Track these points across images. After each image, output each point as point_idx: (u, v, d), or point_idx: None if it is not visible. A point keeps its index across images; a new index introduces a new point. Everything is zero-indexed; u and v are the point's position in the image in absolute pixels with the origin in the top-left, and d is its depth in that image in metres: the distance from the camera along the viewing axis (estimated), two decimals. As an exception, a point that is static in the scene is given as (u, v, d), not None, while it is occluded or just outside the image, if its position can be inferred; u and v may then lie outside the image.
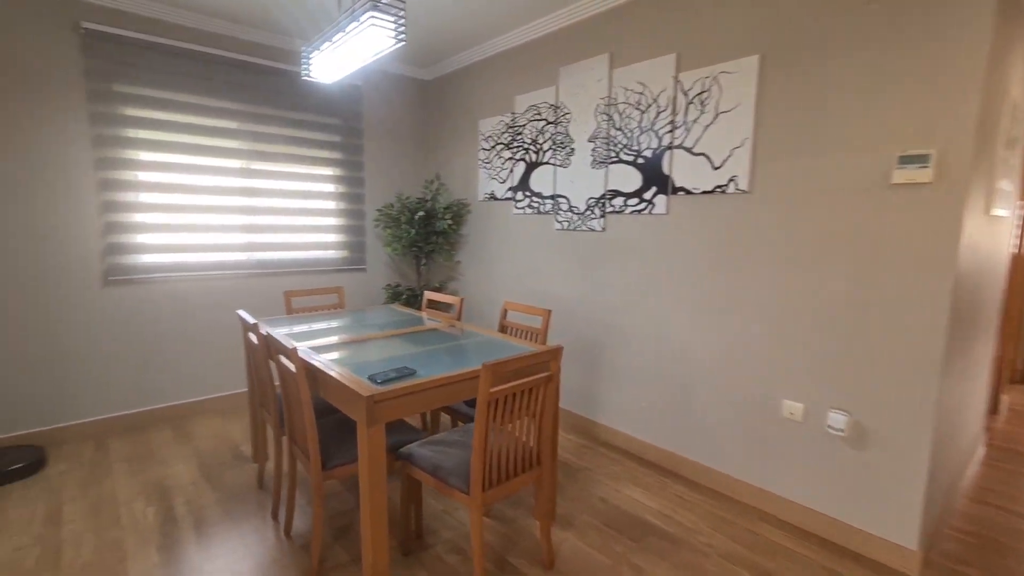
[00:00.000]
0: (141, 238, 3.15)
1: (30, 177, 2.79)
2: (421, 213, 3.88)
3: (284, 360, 1.97)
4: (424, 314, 3.01)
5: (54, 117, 2.83)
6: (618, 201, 2.92)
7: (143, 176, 3.13)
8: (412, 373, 1.83)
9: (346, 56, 2.37)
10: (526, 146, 3.48)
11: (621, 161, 2.88)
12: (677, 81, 2.59)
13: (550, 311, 2.58)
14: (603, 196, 3.00)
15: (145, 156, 3.12)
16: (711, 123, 2.46)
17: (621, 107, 2.86)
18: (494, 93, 3.72)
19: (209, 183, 3.36)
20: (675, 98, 2.60)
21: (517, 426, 1.79)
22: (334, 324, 2.72)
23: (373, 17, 2.04)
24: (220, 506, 2.37)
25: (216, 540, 2.12)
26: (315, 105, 3.75)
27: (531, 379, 1.77)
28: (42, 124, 2.80)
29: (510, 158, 3.62)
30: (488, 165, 3.81)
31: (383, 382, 1.73)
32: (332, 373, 1.82)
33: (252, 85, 3.46)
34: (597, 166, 3.02)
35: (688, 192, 2.59)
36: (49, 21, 2.78)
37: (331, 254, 3.98)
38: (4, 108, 2.69)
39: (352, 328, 2.62)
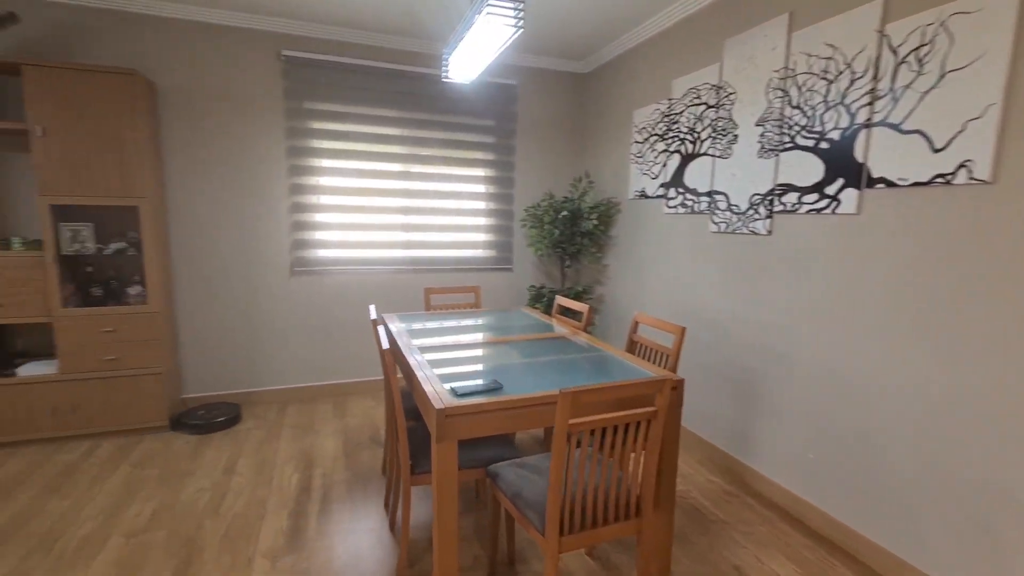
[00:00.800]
0: (319, 235, 3.62)
1: (245, 183, 3.40)
2: (565, 212, 3.70)
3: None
4: (555, 320, 2.84)
5: (262, 133, 3.40)
6: (790, 197, 2.34)
7: (323, 181, 3.58)
8: (497, 389, 1.68)
9: (475, 53, 2.32)
10: (682, 136, 3.04)
11: (797, 147, 2.29)
12: (882, 36, 1.93)
13: (684, 329, 2.17)
14: (771, 192, 2.44)
15: (324, 163, 3.56)
16: (932, 88, 1.77)
17: (801, 79, 2.27)
18: (650, 79, 3.34)
19: (374, 186, 3.69)
20: (878, 59, 1.95)
21: (614, 466, 1.51)
22: (459, 324, 2.72)
23: (491, 6, 1.94)
24: (347, 485, 2.56)
25: (333, 518, 2.28)
26: (470, 108, 3.85)
27: (628, 413, 1.46)
28: (255, 139, 3.38)
29: (664, 150, 3.21)
30: (640, 159, 3.45)
31: (463, 395, 1.62)
32: (420, 378, 1.77)
33: (411, 92, 3.69)
34: (765, 155, 2.46)
35: (891, 184, 1.92)
36: (261, 53, 3.33)
37: (479, 253, 4.06)
38: (231, 128, 3.32)
39: (474, 329, 2.58)
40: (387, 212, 3.75)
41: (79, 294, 2.97)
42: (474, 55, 2.36)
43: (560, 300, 2.95)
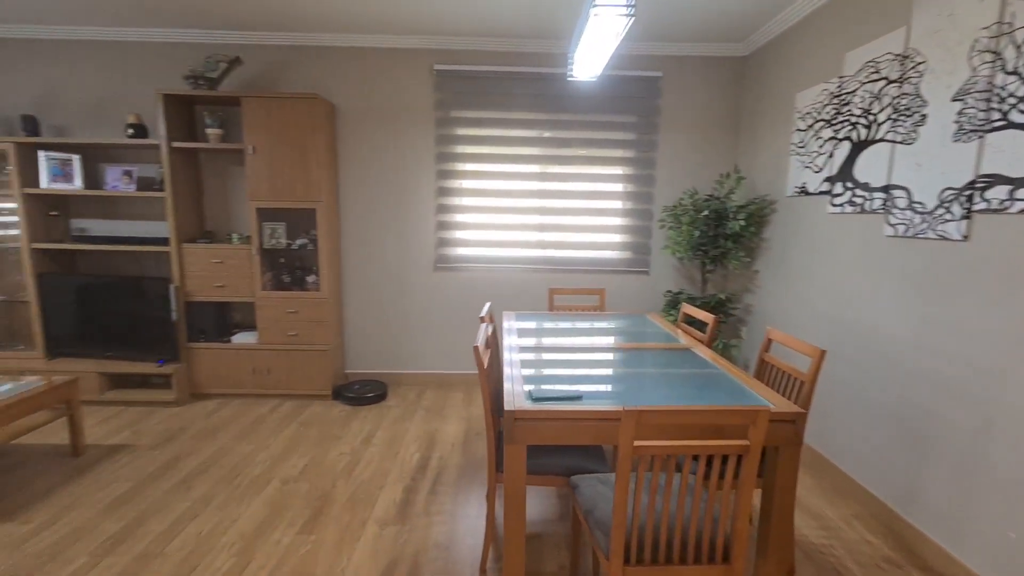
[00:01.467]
0: (459, 234, 3.88)
1: (400, 187, 3.81)
2: (705, 212, 3.37)
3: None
4: (678, 330, 2.62)
5: (415, 142, 3.77)
6: (998, 192, 1.78)
7: (465, 183, 3.82)
8: (575, 398, 1.61)
9: (596, 48, 2.25)
10: (854, 119, 2.53)
11: (1012, 125, 1.74)
12: None
13: (823, 352, 1.81)
14: (970, 185, 1.89)
15: (467, 167, 3.80)
16: None
17: (1021, 35, 1.71)
18: (817, 55, 2.84)
19: (511, 187, 3.82)
20: None
21: (709, 500, 1.34)
22: (572, 326, 2.68)
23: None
24: (459, 471, 2.71)
25: (439, 499, 2.44)
26: (609, 105, 3.74)
27: (710, 444, 1.28)
28: (410, 148, 3.77)
29: (831, 138, 2.71)
30: (802, 150, 2.97)
31: (538, 399, 1.59)
32: (505, 376, 1.79)
33: (547, 94, 3.72)
34: (964, 137, 1.92)
35: None
36: (417, 69, 3.70)
37: (613, 255, 3.93)
38: (391, 139, 3.75)
39: (586, 333, 2.52)
40: (522, 212, 3.86)
41: (274, 280, 3.67)
42: (595, 50, 2.29)
43: (686, 308, 2.70)
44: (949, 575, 1.94)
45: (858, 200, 2.49)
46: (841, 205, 2.62)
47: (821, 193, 2.79)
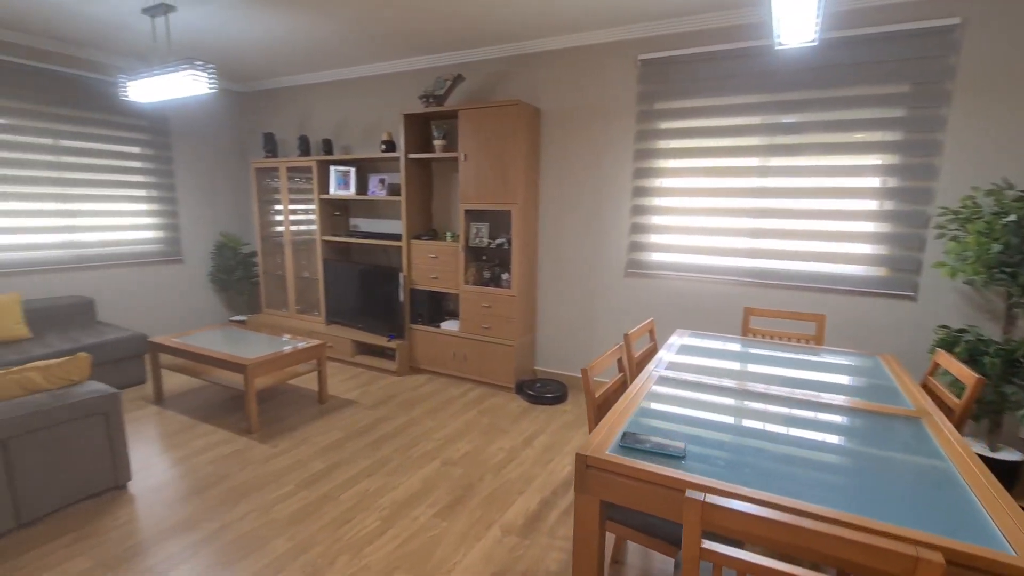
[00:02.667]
0: (655, 238, 3.54)
1: (597, 188, 3.70)
2: (1012, 217, 2.25)
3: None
4: (918, 388, 1.86)
5: (614, 140, 3.59)
6: None
7: (664, 182, 3.46)
8: (676, 456, 1.27)
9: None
10: None
11: None
12: None
13: None
14: None
15: (669, 164, 3.43)
16: None
17: None
18: None
19: (719, 185, 3.29)
20: None
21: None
22: (755, 355, 2.15)
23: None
24: (604, 497, 2.49)
25: (567, 523, 2.28)
26: (865, 74, 2.85)
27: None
28: (608, 146, 3.61)
29: None
30: None
31: (626, 447, 1.31)
32: (613, 410, 1.54)
33: (774, 71, 3.04)
34: None
35: None
36: (619, 62, 3.50)
37: (858, 270, 3.00)
38: (590, 138, 3.66)
39: (768, 371, 2.00)
40: (731, 214, 3.28)
41: (475, 275, 4.01)
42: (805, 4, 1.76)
43: (940, 357, 1.87)
44: None
45: None
46: None
47: None
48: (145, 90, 3.35)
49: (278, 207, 5.00)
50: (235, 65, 4.52)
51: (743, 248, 3.28)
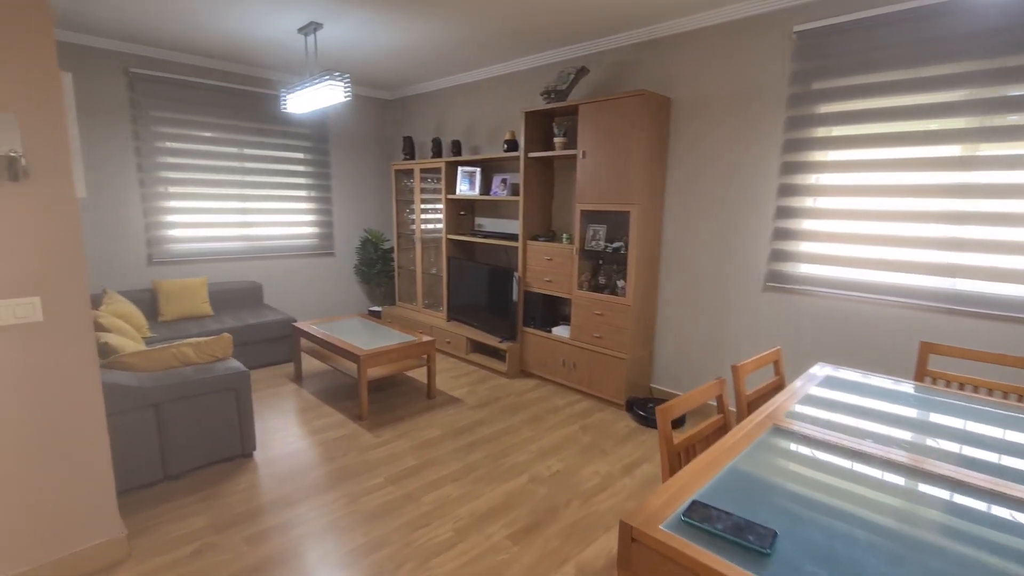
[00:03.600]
0: (804, 246, 2.93)
1: (734, 186, 3.20)
2: None
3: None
4: None
5: (758, 129, 3.05)
6: None
7: (821, 179, 2.84)
8: (759, 550, 0.94)
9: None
10: None
11: None
12: None
13: None
14: None
15: (828, 156, 2.81)
16: None
17: None
18: None
19: (900, 182, 2.59)
20: None
21: None
22: (937, 415, 1.61)
23: None
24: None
25: None
26: None
27: None
28: (751, 137, 3.09)
29: None
30: None
31: (688, 521, 1.01)
32: (688, 469, 1.23)
33: (996, 26, 2.26)
34: None
35: None
36: (768, 37, 2.95)
37: (1121, 301, 2.11)
38: (729, 129, 3.17)
39: (948, 455, 1.47)
40: (916, 219, 2.56)
41: (589, 280, 3.76)
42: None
43: None
44: None
45: None
46: None
47: None
48: (299, 102, 3.76)
49: (415, 206, 5.29)
50: (379, 75, 4.88)
51: (927, 263, 2.54)
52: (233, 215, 4.77)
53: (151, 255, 4.37)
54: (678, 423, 3.30)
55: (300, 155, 5.16)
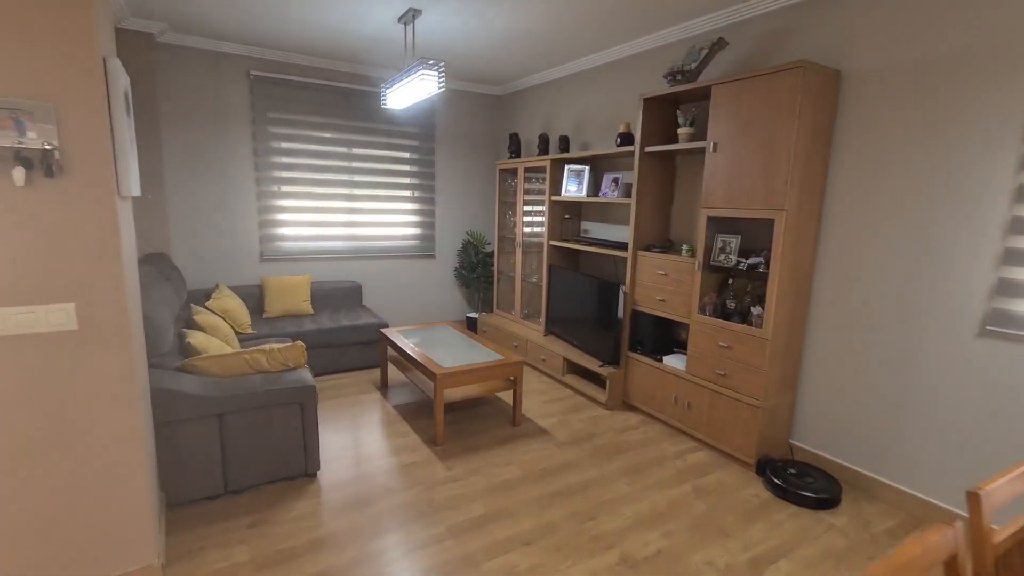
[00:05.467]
0: (1056, 276, 1.98)
1: (931, 181, 2.31)
2: None
3: None
4: None
5: (986, 109, 2.15)
6: None
7: (1095, 176, 1.88)
8: None
9: None
10: None
11: None
12: None
13: None
14: None
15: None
16: None
17: None
18: None
19: None
20: None
21: None
22: None
23: None
24: None
25: None
26: None
27: None
28: (970, 120, 2.20)
29: None
30: None
31: None
32: None
33: None
34: None
35: None
36: (1010, -26, 2.05)
37: None
38: (935, 107, 2.30)
39: None
40: None
41: (714, 303, 3.04)
42: None
43: None
44: None
45: None
46: None
47: None
48: (397, 97, 3.55)
49: (517, 208, 4.92)
50: (485, 67, 4.56)
51: None
52: (339, 214, 4.78)
53: (263, 252, 4.51)
54: (828, 502, 2.48)
55: (406, 154, 5.05)
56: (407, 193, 5.13)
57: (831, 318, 2.72)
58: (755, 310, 2.79)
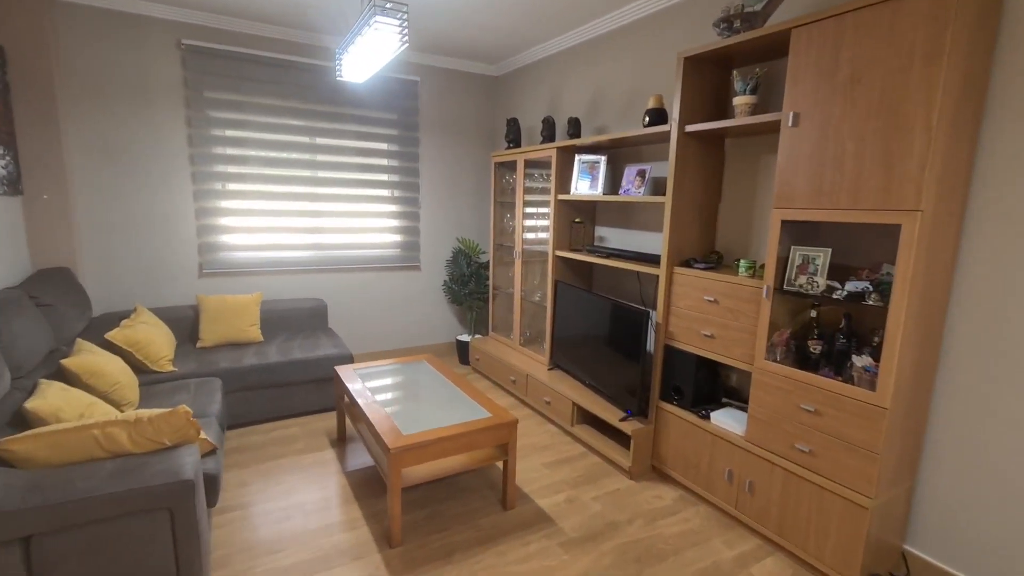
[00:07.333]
0: None
1: None
2: None
3: None
4: None
5: None
6: None
7: None
8: None
9: None
10: None
11: None
12: None
13: None
14: None
15: None
16: None
17: None
18: None
19: None
20: None
21: None
22: None
23: None
24: None
25: None
26: None
27: None
28: None
29: None
30: None
31: None
32: None
33: None
34: None
35: None
36: None
37: None
38: None
39: None
40: None
41: (790, 345, 2.13)
42: None
43: None
44: None
45: None
46: None
47: None
48: (354, 65, 2.70)
49: (516, 210, 4.04)
50: (477, 39, 3.69)
51: None
52: (300, 218, 3.93)
53: (202, 264, 3.67)
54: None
55: (383, 145, 4.19)
56: (385, 192, 4.26)
57: (973, 371, 1.81)
58: (858, 359, 1.87)
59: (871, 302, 1.83)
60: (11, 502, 1.44)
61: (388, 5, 2.17)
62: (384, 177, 4.24)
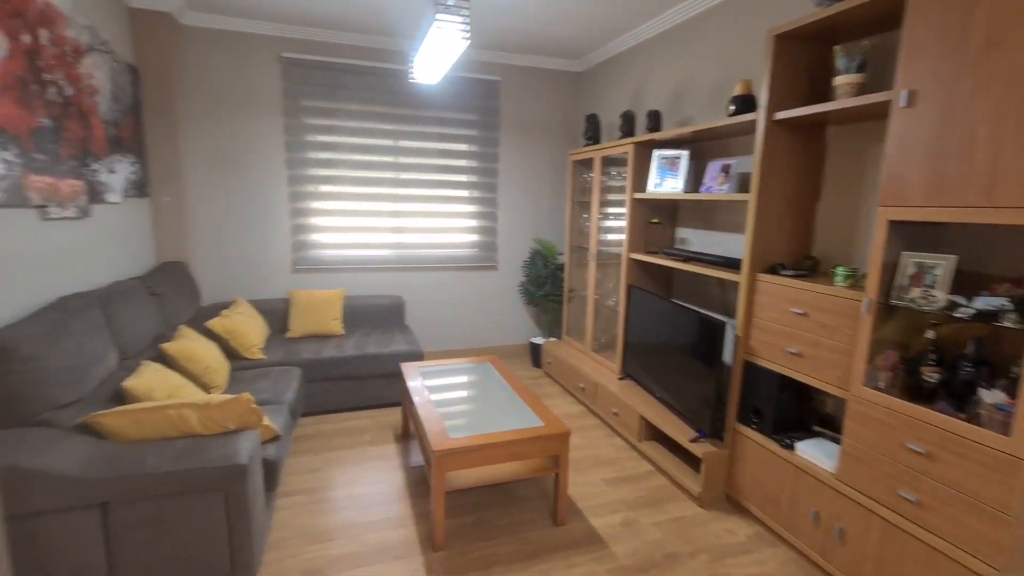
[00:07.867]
0: None
1: None
2: None
3: None
4: None
5: None
6: None
7: None
8: None
9: None
10: None
11: None
12: None
13: None
14: None
15: None
16: None
17: None
18: None
19: None
20: None
21: None
22: None
23: None
24: None
25: None
26: None
27: None
28: None
29: None
30: None
31: None
32: None
33: None
34: None
35: None
36: None
37: None
38: None
39: None
40: None
41: (900, 372, 1.77)
42: None
43: None
44: None
45: None
46: None
47: None
48: (425, 67, 2.74)
49: (592, 209, 3.87)
50: (558, 34, 3.58)
51: None
52: (383, 218, 4.10)
53: (295, 261, 3.96)
54: None
55: (463, 146, 4.23)
56: (464, 192, 4.31)
57: None
58: (987, 394, 1.50)
59: (1008, 323, 1.45)
60: (94, 471, 1.61)
61: (450, 2, 2.15)
62: (463, 178, 4.29)
